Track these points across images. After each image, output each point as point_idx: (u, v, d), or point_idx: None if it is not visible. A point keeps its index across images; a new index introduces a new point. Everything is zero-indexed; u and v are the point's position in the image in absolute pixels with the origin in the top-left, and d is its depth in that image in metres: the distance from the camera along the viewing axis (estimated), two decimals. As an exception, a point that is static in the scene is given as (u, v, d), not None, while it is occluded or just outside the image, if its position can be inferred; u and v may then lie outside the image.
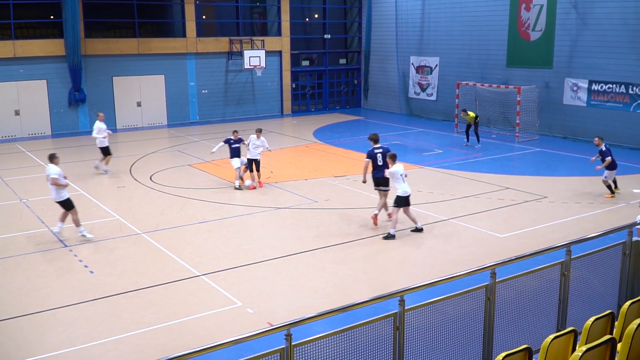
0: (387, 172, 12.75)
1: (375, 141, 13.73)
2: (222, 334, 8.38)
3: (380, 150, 13.49)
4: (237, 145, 16.67)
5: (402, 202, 12.55)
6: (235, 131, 17.01)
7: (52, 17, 26.56)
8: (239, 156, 16.65)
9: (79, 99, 26.57)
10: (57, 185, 12.42)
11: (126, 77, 27.77)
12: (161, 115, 28.89)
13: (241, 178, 16.77)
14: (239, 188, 16.49)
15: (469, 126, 22.38)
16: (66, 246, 12.31)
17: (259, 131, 16.53)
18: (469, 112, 22.32)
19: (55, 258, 11.71)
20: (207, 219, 14.11)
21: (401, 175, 12.50)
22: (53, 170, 12.42)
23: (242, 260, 11.49)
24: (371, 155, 13.48)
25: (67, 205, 12.62)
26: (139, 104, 28.25)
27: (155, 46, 28.28)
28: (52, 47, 25.90)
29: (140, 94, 28.29)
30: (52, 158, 12.71)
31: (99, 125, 18.25)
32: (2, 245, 12.44)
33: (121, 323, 9.06)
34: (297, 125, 28.74)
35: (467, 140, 22.56)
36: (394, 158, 12.73)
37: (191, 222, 13.87)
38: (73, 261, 11.53)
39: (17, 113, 25.53)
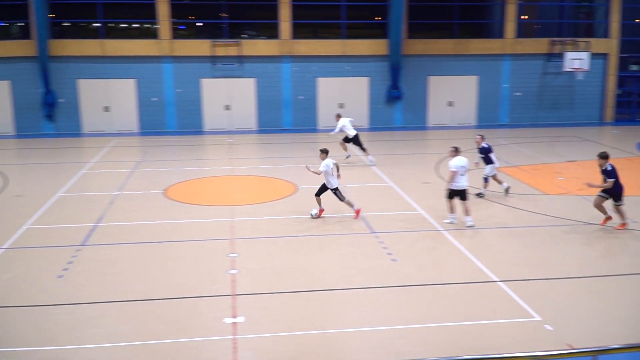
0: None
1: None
2: (517, 347, 8.04)
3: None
4: (481, 154, 15.93)
5: None
6: (479, 136, 16.15)
7: (378, 18, 28.60)
8: (488, 163, 15.88)
9: (396, 97, 28.15)
10: (455, 176, 13.34)
11: (441, 77, 28.49)
12: (471, 116, 28.98)
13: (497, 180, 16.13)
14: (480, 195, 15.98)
15: None
16: (373, 232, 13.19)
17: (324, 152, 14.06)
18: None
19: (361, 242, 12.63)
20: (508, 225, 13.73)
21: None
22: (458, 161, 13.36)
23: (544, 274, 10.86)
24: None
25: (465, 195, 13.57)
26: (450, 104, 28.76)
27: (472, 47, 28.41)
28: (376, 46, 27.89)
29: (452, 94, 28.77)
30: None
31: (344, 122, 20.13)
32: (319, 225, 13.91)
33: (413, 314, 9.34)
34: (618, 135, 26.06)
35: None
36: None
37: (491, 227, 13.64)
38: (378, 247, 12.31)
39: (340, 106, 28.18)
